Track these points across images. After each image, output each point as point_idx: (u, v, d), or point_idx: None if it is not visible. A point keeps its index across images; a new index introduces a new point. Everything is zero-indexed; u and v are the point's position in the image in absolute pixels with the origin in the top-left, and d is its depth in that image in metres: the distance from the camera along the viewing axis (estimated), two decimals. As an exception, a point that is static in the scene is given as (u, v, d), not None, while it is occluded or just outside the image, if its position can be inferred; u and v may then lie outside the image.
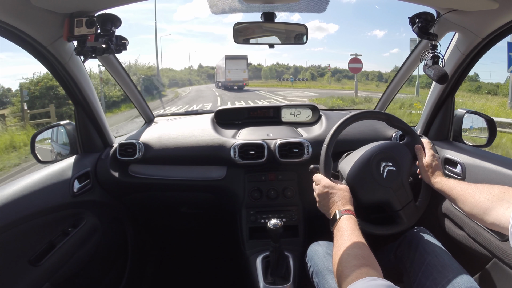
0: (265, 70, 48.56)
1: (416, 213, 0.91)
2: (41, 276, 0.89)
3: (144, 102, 1.63)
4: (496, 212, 0.66)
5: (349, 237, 0.67)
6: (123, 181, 1.25)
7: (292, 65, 54.36)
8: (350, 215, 0.73)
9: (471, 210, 0.73)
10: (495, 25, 0.91)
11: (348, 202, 0.78)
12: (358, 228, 0.71)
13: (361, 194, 0.87)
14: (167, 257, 1.74)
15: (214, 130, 1.32)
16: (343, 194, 0.79)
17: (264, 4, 1.01)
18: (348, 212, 0.74)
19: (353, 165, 0.90)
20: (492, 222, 0.67)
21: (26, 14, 0.80)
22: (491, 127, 1.20)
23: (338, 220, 0.73)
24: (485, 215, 0.69)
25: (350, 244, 0.65)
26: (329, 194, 0.80)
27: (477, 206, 0.71)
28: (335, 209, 0.76)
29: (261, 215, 1.23)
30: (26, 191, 0.91)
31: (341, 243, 0.67)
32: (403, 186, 0.89)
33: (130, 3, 0.91)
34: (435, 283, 0.77)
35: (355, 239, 0.66)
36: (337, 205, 0.77)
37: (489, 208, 0.68)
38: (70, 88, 1.10)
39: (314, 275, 0.90)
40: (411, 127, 0.97)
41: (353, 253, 0.63)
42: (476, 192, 0.73)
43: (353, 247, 0.64)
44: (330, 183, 0.82)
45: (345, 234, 0.68)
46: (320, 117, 1.44)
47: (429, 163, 0.89)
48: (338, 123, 0.92)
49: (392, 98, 1.61)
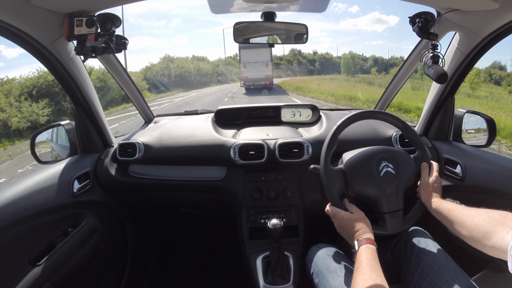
0: (343, 61, 32.95)
1: (400, 225, 0.89)
2: (41, 276, 0.89)
3: (144, 102, 1.63)
4: (496, 236, 0.65)
5: (365, 269, 0.68)
6: (123, 181, 1.25)
7: (369, 55, 42.89)
8: (368, 245, 0.73)
9: (469, 233, 0.71)
10: (495, 25, 0.91)
11: (367, 230, 0.78)
12: (376, 257, 0.71)
13: (355, 182, 0.88)
14: (167, 257, 1.74)
15: (214, 130, 1.32)
16: (360, 224, 0.79)
17: (265, 4, 1.01)
18: (366, 242, 0.74)
19: (355, 154, 0.92)
20: (492, 246, 0.65)
21: (26, 13, 0.80)
22: (491, 127, 1.20)
23: (357, 251, 0.74)
24: (485, 239, 0.67)
25: (364, 277, 0.66)
26: (347, 226, 0.81)
27: (477, 229, 0.69)
28: (354, 240, 0.77)
29: (261, 215, 1.23)
30: (26, 192, 0.91)
31: (357, 275, 0.68)
32: (397, 193, 0.88)
33: (130, 2, 0.91)
34: (432, 284, 0.77)
35: (370, 272, 0.67)
36: (356, 235, 0.78)
37: (489, 232, 0.66)
38: (70, 88, 1.10)
39: (314, 276, 0.90)
40: (423, 143, 0.96)
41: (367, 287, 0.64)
42: (475, 215, 0.72)
43: (366, 280, 0.65)
44: (346, 216, 0.82)
45: (361, 265, 0.69)
46: (320, 117, 1.44)
47: (432, 182, 0.87)
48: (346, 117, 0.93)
49: (392, 98, 1.61)
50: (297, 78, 30.70)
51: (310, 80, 25.86)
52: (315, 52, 51.95)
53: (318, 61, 46.61)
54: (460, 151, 1.15)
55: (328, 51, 79.50)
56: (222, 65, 36.76)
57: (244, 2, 0.97)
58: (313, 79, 27.37)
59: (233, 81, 30.07)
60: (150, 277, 1.57)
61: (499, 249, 0.63)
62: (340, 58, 47.24)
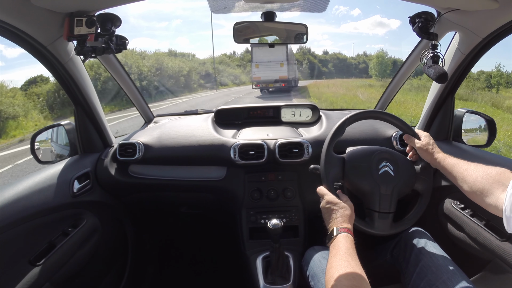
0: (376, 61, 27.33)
1: (388, 228, 0.89)
2: (41, 276, 0.89)
3: (144, 102, 1.63)
4: (493, 194, 0.67)
5: (343, 256, 0.67)
6: (123, 181, 1.25)
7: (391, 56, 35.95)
8: (348, 234, 0.74)
9: (469, 189, 0.73)
10: (495, 25, 0.91)
11: (348, 220, 0.78)
12: (354, 247, 0.71)
13: (352, 172, 0.89)
14: (167, 257, 1.74)
15: (214, 130, 1.32)
16: (344, 212, 0.79)
17: (265, 4, 1.01)
18: (345, 231, 0.74)
19: (359, 148, 0.93)
20: (489, 203, 0.67)
21: (26, 13, 0.80)
22: (491, 127, 1.21)
23: (335, 237, 0.73)
24: (483, 195, 0.69)
25: (343, 264, 0.65)
26: (330, 210, 0.80)
27: (475, 186, 0.72)
28: (333, 226, 0.77)
29: (261, 216, 1.23)
30: (26, 192, 0.91)
31: (334, 261, 0.67)
32: (391, 195, 0.88)
33: (129, 2, 0.91)
34: (429, 284, 0.78)
35: (349, 259, 0.67)
36: (336, 222, 0.77)
37: (486, 189, 0.69)
38: (70, 88, 1.10)
39: (310, 278, 0.91)
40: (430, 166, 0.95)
41: (345, 273, 0.63)
42: (474, 171, 0.74)
43: (346, 266, 0.65)
44: (333, 199, 0.82)
45: (340, 252, 0.69)
46: (320, 117, 1.44)
47: (427, 142, 0.89)
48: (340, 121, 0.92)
49: (392, 98, 1.61)
50: (319, 82, 25.35)
51: (335, 83, 20.69)
52: (325, 51, 48.07)
53: (331, 61, 42.97)
54: (460, 151, 1.15)
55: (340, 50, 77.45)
56: (210, 64, 28.23)
57: (244, 2, 0.97)
58: (340, 82, 22.26)
59: (225, 86, 24.16)
60: (150, 277, 1.57)
61: (495, 206, 0.65)
62: (355, 59, 43.84)
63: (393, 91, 1.56)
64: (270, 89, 15.49)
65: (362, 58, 46.21)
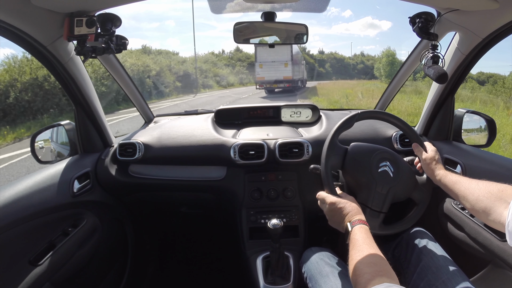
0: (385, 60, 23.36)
1: (376, 227, 0.89)
2: (41, 276, 0.89)
3: (144, 102, 1.63)
4: (495, 212, 0.67)
5: (361, 246, 0.67)
6: (123, 181, 1.25)
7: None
8: (362, 225, 0.73)
9: (472, 207, 0.73)
10: (495, 25, 0.91)
11: (358, 211, 0.77)
12: (371, 236, 0.70)
13: (352, 164, 0.90)
14: (167, 257, 1.74)
15: (214, 130, 1.32)
16: (351, 206, 0.78)
17: (264, 4, 1.01)
18: (359, 222, 0.73)
19: (362, 143, 0.94)
20: (492, 220, 0.68)
21: (26, 13, 0.80)
22: (491, 127, 1.21)
23: (351, 232, 0.73)
24: (486, 214, 0.69)
25: (363, 253, 0.65)
26: (337, 209, 0.79)
27: (477, 205, 0.72)
28: (346, 222, 0.76)
29: (261, 215, 1.23)
30: (26, 191, 0.91)
31: (354, 253, 0.67)
32: (385, 196, 0.88)
33: (129, 2, 0.91)
34: (429, 284, 0.78)
35: (367, 248, 0.66)
36: (348, 217, 0.76)
37: (488, 208, 0.69)
38: (70, 88, 1.10)
39: (308, 280, 0.91)
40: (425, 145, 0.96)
41: (366, 262, 0.63)
42: (475, 189, 0.74)
43: (366, 256, 0.64)
44: (335, 199, 0.81)
45: (357, 244, 0.68)
46: (320, 117, 1.44)
47: (432, 156, 0.89)
48: (339, 123, 0.92)
49: (392, 98, 1.61)
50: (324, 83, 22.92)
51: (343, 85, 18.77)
52: (321, 51, 46.12)
53: (328, 61, 41.13)
54: (460, 151, 1.15)
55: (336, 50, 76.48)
56: (192, 63, 22.70)
57: (244, 2, 0.97)
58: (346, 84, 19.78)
59: (209, 88, 19.95)
60: (150, 277, 1.57)
61: (498, 223, 0.65)
62: (352, 59, 41.29)
63: (393, 92, 1.57)
64: (276, 89, 14.98)
65: (360, 59, 44.74)
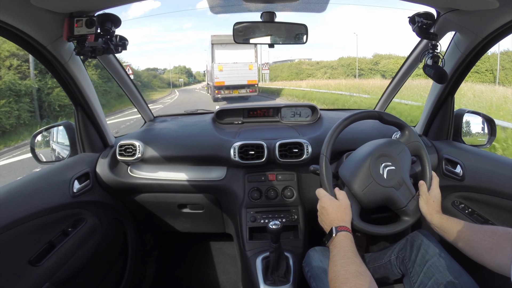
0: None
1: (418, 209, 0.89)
2: (41, 276, 0.89)
3: (144, 102, 1.63)
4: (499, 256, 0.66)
5: (346, 253, 0.67)
6: (123, 181, 1.25)
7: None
8: (347, 232, 0.74)
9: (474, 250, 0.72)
10: (495, 25, 0.91)
11: (346, 218, 0.78)
12: (354, 245, 0.71)
13: (365, 198, 0.85)
14: (167, 257, 1.74)
15: (214, 130, 1.32)
16: (342, 211, 0.79)
17: (264, 4, 1.01)
18: (344, 229, 0.74)
19: (353, 171, 0.88)
20: (497, 265, 0.67)
21: (26, 14, 0.80)
22: (491, 127, 1.20)
23: (334, 237, 0.73)
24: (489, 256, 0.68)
25: (347, 261, 0.65)
26: (326, 209, 0.80)
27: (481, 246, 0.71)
28: (331, 225, 0.77)
29: (261, 216, 1.23)
30: (26, 191, 0.91)
31: (337, 259, 0.67)
32: (405, 183, 0.88)
33: (130, 2, 0.91)
34: (437, 283, 0.78)
35: (353, 257, 0.67)
36: (335, 221, 0.77)
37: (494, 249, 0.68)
38: (70, 88, 1.10)
39: (311, 280, 0.91)
40: (404, 122, 0.96)
41: (350, 270, 0.63)
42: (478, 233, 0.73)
43: (350, 263, 0.65)
44: (329, 200, 0.82)
45: (342, 250, 0.69)
46: (320, 117, 1.44)
47: (432, 196, 0.87)
48: (330, 130, 0.92)
49: (392, 98, 1.60)
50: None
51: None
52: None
53: None
54: (460, 151, 1.15)
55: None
56: None
57: (244, 2, 0.97)
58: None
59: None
60: (150, 277, 1.57)
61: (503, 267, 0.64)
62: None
63: (393, 92, 1.56)
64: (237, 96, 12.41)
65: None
